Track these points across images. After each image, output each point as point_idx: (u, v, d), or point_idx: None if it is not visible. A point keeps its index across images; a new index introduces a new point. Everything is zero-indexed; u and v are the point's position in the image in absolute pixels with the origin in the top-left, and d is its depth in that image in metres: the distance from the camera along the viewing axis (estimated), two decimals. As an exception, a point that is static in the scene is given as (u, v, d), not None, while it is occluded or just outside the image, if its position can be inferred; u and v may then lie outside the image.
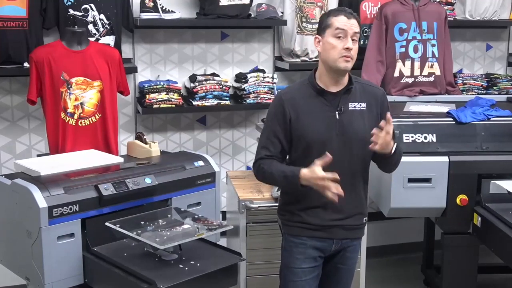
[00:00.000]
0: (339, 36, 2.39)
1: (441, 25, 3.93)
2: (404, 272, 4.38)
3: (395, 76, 3.88)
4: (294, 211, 2.52)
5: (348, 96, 2.47)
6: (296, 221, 2.52)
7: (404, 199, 3.22)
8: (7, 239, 2.74)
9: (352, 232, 2.55)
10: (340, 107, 2.44)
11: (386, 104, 2.55)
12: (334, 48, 2.39)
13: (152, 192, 2.80)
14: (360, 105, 2.48)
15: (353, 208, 2.52)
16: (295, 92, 2.51)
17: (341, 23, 2.39)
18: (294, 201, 2.52)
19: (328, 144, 2.41)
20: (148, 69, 3.90)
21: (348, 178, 2.44)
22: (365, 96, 2.50)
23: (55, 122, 3.13)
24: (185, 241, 2.49)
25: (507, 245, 2.85)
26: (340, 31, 2.38)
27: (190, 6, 3.86)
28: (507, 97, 3.97)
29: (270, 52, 4.13)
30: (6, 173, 3.20)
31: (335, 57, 2.39)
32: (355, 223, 2.54)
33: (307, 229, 2.50)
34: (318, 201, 2.44)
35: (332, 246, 2.53)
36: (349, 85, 2.47)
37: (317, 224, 2.49)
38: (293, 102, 2.46)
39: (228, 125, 4.14)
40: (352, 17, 2.41)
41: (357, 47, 2.42)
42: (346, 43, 2.38)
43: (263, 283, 3.20)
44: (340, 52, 2.38)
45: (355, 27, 2.40)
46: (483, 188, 3.19)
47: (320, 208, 2.47)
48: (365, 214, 2.59)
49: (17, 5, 3.38)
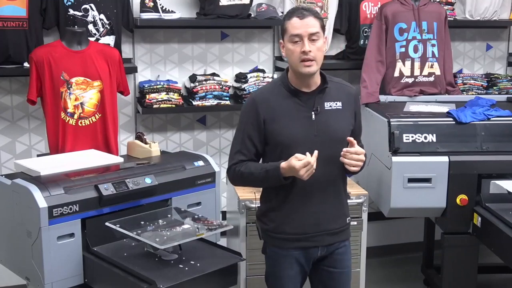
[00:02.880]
0: (295, 41, 2.32)
1: (441, 25, 3.94)
2: (404, 272, 4.38)
3: (395, 76, 3.88)
4: (275, 220, 2.45)
5: (323, 95, 2.41)
6: (279, 232, 2.45)
7: (404, 199, 3.22)
8: (7, 239, 2.74)
9: (337, 236, 2.48)
10: (316, 107, 2.38)
11: (359, 102, 2.52)
12: (293, 53, 2.33)
13: (152, 192, 2.80)
14: (336, 104, 2.42)
15: (336, 210, 2.47)
16: (268, 93, 2.43)
17: (294, 27, 2.31)
18: (275, 208, 2.45)
19: (305, 146, 2.33)
20: (148, 69, 3.91)
21: (328, 180, 2.40)
22: (340, 94, 2.44)
23: (55, 122, 3.13)
24: (185, 241, 2.49)
25: (507, 245, 2.85)
26: (293, 37, 2.31)
27: (190, 6, 3.86)
28: (507, 97, 3.97)
29: (270, 52, 4.13)
30: (6, 173, 3.20)
31: (296, 62, 2.33)
32: (339, 225, 2.48)
33: (291, 241, 2.44)
34: (300, 206, 2.40)
35: (317, 252, 2.48)
36: (323, 85, 2.41)
37: (301, 233, 2.42)
38: (267, 103, 2.39)
39: (228, 125, 4.14)
40: (307, 15, 2.31)
41: (319, 45, 2.32)
42: (302, 46, 2.30)
43: (263, 283, 3.19)
44: (298, 57, 2.31)
45: (311, 26, 2.30)
46: (483, 188, 3.19)
47: (303, 215, 2.41)
48: (347, 214, 2.52)
49: (17, 5, 3.38)
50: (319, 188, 2.39)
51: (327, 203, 2.43)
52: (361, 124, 2.57)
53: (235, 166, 2.42)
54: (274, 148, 2.40)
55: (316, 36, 2.32)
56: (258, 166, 2.39)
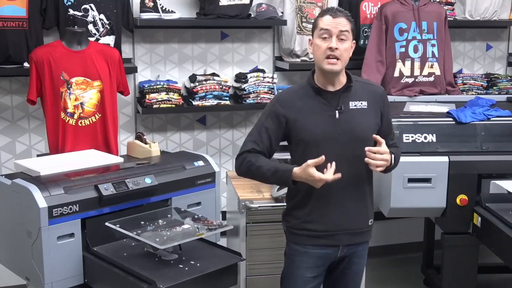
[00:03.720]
0: (324, 37, 2.34)
1: (441, 25, 3.93)
2: (404, 272, 4.37)
3: (395, 76, 3.88)
4: (299, 216, 2.47)
5: (348, 94, 2.42)
6: (301, 228, 2.46)
7: (404, 199, 3.22)
8: (7, 239, 2.74)
9: (358, 237, 2.49)
10: (340, 106, 2.39)
11: (386, 102, 2.52)
12: (319, 48, 2.35)
13: (152, 192, 2.80)
14: (361, 104, 2.43)
15: (358, 210, 2.46)
16: (292, 93, 2.47)
17: (325, 23, 2.35)
18: (299, 205, 2.46)
19: (329, 144, 2.35)
20: (148, 69, 3.90)
21: (352, 180, 2.40)
22: (366, 94, 2.45)
23: (55, 122, 3.13)
24: (185, 241, 2.50)
25: (507, 245, 2.85)
26: (323, 31, 2.34)
27: (190, 6, 3.86)
28: (507, 97, 3.97)
29: (270, 52, 4.12)
30: (6, 173, 3.20)
31: (321, 58, 2.35)
32: (361, 226, 2.48)
33: (312, 237, 2.44)
34: (323, 204, 2.41)
35: (337, 253, 2.47)
36: (348, 84, 2.43)
37: (322, 230, 2.43)
38: (290, 103, 2.42)
39: (228, 125, 4.14)
40: (340, 15, 2.35)
41: (347, 46, 2.36)
42: (329, 43, 2.33)
43: (263, 283, 3.20)
44: (324, 53, 2.34)
45: (342, 25, 2.34)
46: (483, 188, 3.19)
47: (325, 213, 2.42)
48: (370, 216, 2.52)
49: (17, 5, 3.38)
50: (342, 187, 2.38)
51: (349, 203, 2.43)
52: (390, 123, 2.56)
53: (246, 154, 2.41)
54: (298, 146, 2.42)
55: (345, 36, 2.35)
56: (270, 163, 2.40)
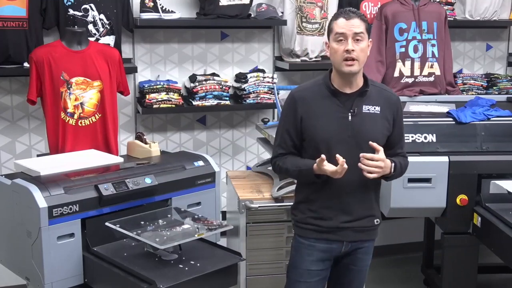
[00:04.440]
0: (340, 40, 2.39)
1: (441, 25, 3.93)
2: (404, 272, 4.38)
3: (395, 76, 3.87)
4: (305, 211, 2.53)
5: (363, 98, 2.45)
6: (306, 223, 2.52)
7: (404, 199, 3.22)
8: (7, 239, 2.74)
9: (363, 234, 2.53)
10: (354, 109, 2.43)
11: (400, 111, 2.54)
12: (336, 52, 2.40)
13: (152, 192, 2.80)
14: (375, 108, 2.46)
15: (364, 210, 2.51)
16: (308, 91, 2.51)
17: (339, 27, 2.39)
18: (306, 200, 2.53)
19: (339, 145, 2.40)
20: (148, 69, 3.91)
21: (359, 180, 2.43)
22: (380, 99, 2.48)
23: (55, 122, 3.13)
24: (185, 241, 2.50)
25: (507, 245, 2.85)
26: (338, 35, 2.39)
27: (190, 6, 3.86)
28: (507, 97, 3.97)
29: (270, 52, 4.13)
30: (6, 173, 3.20)
31: (339, 61, 2.40)
32: (366, 225, 2.53)
33: (316, 231, 2.50)
34: (329, 203, 2.47)
35: (341, 248, 2.52)
36: (364, 87, 2.46)
37: (327, 226, 2.49)
38: (305, 101, 2.46)
39: (228, 125, 4.14)
40: (353, 17, 2.39)
41: (363, 46, 2.39)
42: (346, 46, 2.37)
43: (263, 283, 3.20)
44: (341, 56, 2.38)
45: (356, 27, 2.37)
46: (483, 188, 3.19)
47: (331, 210, 2.47)
48: (376, 216, 2.56)
49: (17, 5, 3.38)
50: (349, 187, 2.44)
51: (355, 202, 2.47)
52: (402, 133, 2.58)
53: (275, 159, 2.56)
54: (310, 144, 2.47)
55: (360, 36, 2.38)
56: (294, 163, 2.48)
